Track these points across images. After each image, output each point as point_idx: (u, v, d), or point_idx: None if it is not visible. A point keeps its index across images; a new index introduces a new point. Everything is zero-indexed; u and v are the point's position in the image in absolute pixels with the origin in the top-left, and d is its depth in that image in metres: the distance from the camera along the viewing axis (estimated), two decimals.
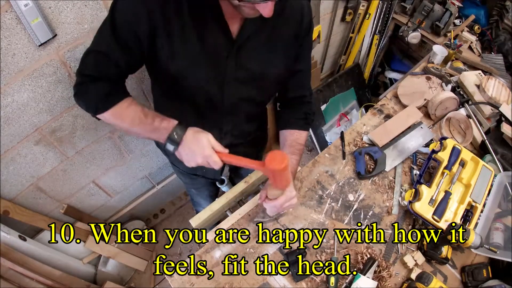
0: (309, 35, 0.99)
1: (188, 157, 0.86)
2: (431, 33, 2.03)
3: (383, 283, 1.03)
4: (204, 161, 0.85)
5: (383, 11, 2.18)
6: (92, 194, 1.70)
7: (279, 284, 1.05)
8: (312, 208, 1.21)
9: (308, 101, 1.13)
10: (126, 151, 1.66)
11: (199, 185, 1.49)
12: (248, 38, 0.87)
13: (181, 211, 2.37)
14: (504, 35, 1.89)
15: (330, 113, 2.50)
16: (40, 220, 1.50)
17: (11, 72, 1.02)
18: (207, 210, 1.18)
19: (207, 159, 0.84)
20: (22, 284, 1.41)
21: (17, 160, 1.27)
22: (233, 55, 0.88)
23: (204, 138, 0.84)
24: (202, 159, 0.84)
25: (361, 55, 2.52)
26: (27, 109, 1.15)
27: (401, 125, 1.43)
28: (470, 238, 0.98)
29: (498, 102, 1.47)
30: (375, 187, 1.28)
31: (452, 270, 1.13)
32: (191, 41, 0.83)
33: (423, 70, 1.69)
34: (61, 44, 1.07)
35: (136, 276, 2.07)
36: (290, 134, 1.11)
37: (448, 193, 1.17)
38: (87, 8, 1.05)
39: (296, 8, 0.92)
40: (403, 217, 1.21)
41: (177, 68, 0.87)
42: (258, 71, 0.93)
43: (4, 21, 0.90)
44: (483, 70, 1.69)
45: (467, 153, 1.27)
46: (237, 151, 1.19)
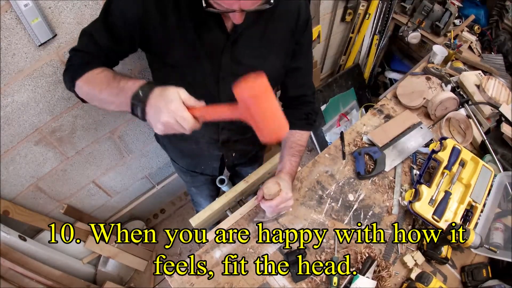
0: (306, 33, 0.99)
1: (154, 118, 0.70)
2: (431, 33, 2.03)
3: (383, 283, 1.03)
4: (171, 118, 0.68)
5: (383, 11, 2.18)
6: (92, 194, 1.70)
7: (279, 284, 1.05)
8: (312, 208, 1.21)
9: (309, 101, 1.13)
10: (126, 151, 1.66)
11: (199, 184, 1.49)
12: (243, 33, 0.87)
13: (181, 211, 2.37)
14: (504, 35, 1.89)
15: (330, 113, 2.51)
16: (40, 220, 1.50)
17: (11, 72, 1.02)
18: (207, 209, 1.18)
19: (174, 114, 0.68)
20: (22, 284, 1.41)
21: (17, 160, 1.27)
22: (228, 49, 0.88)
23: (172, 91, 0.70)
24: (168, 115, 0.68)
25: (361, 55, 2.52)
26: (27, 109, 1.15)
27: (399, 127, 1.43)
28: (470, 238, 0.98)
29: (498, 102, 1.47)
30: (375, 187, 1.28)
31: (452, 270, 1.13)
32: (187, 35, 0.84)
33: (423, 70, 1.69)
34: (61, 44, 1.07)
35: (136, 276, 2.07)
36: (291, 135, 1.11)
37: (448, 193, 1.17)
38: (87, 8, 1.05)
39: (293, 6, 0.93)
40: (403, 217, 1.21)
41: (174, 60, 0.88)
42: (253, 65, 0.93)
43: (4, 21, 0.90)
44: (483, 70, 1.69)
45: (467, 153, 1.27)
46: (235, 147, 1.20)
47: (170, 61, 0.88)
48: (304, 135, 1.12)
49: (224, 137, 1.14)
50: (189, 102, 0.71)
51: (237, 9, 0.71)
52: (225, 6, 0.71)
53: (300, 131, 1.12)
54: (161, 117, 0.69)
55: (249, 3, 0.70)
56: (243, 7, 0.71)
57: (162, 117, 0.68)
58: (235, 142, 1.18)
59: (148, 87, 0.72)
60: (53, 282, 1.51)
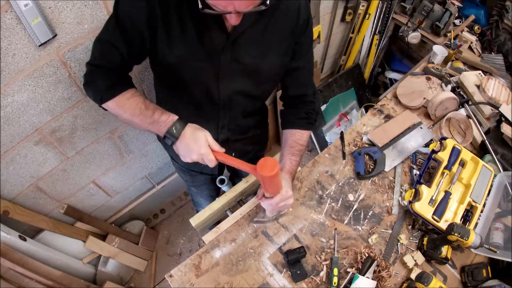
0: (306, 33, 0.99)
1: (185, 153, 0.89)
2: (431, 33, 2.03)
3: (383, 283, 1.03)
4: (200, 158, 0.88)
5: (383, 11, 2.18)
6: (92, 194, 1.70)
7: (279, 284, 1.05)
8: (312, 208, 1.21)
9: (310, 100, 1.13)
10: (126, 151, 1.66)
11: (199, 183, 1.49)
12: (243, 32, 0.88)
13: (181, 211, 2.37)
14: (504, 35, 1.89)
15: (330, 113, 2.51)
16: (40, 220, 1.50)
17: (11, 72, 1.02)
18: (207, 209, 1.18)
19: (203, 157, 0.87)
20: (22, 284, 1.41)
21: (17, 160, 1.27)
22: (228, 48, 0.89)
23: (202, 136, 0.87)
24: (197, 156, 0.87)
25: (361, 55, 2.52)
26: (27, 109, 1.15)
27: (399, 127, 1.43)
28: (470, 238, 0.98)
29: (498, 102, 1.47)
30: (375, 187, 1.28)
31: (452, 270, 1.13)
32: (188, 33, 0.85)
33: (423, 70, 1.69)
34: (61, 44, 1.07)
35: (136, 276, 2.07)
36: (291, 135, 1.12)
37: (448, 193, 1.17)
38: (87, 8, 1.05)
39: (292, 6, 0.93)
40: (403, 217, 1.21)
41: (175, 58, 0.89)
42: (252, 65, 0.95)
43: (4, 21, 0.90)
44: (483, 70, 1.69)
45: (467, 153, 1.27)
46: (235, 147, 1.21)
47: (171, 59, 0.89)
48: (304, 135, 1.12)
49: (224, 137, 1.14)
50: (214, 147, 0.88)
51: (232, 11, 0.72)
52: (220, 8, 0.72)
53: (300, 130, 1.12)
54: (192, 156, 0.88)
55: (244, 5, 0.71)
56: (238, 9, 0.71)
57: (193, 156, 0.87)
58: (235, 141, 1.18)
59: (180, 124, 0.88)
60: (53, 282, 1.51)
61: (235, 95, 1.01)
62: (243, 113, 1.11)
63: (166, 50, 0.88)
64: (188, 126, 0.89)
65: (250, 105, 1.12)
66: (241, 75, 0.96)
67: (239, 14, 0.74)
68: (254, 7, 0.72)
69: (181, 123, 0.88)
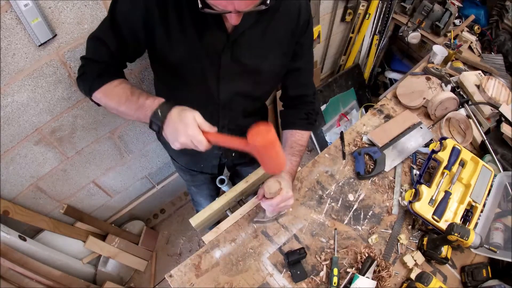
0: (306, 33, 0.99)
1: (172, 137, 0.79)
2: (431, 33, 2.03)
3: (383, 283, 1.03)
4: (188, 140, 0.78)
5: (383, 11, 2.18)
6: (92, 194, 1.70)
7: (279, 284, 1.05)
8: (312, 208, 1.21)
9: (310, 101, 1.13)
10: (126, 151, 1.66)
11: (199, 183, 1.49)
12: (243, 33, 0.88)
13: (181, 211, 2.37)
14: (504, 35, 1.89)
15: (330, 113, 2.51)
16: (40, 220, 1.50)
17: (11, 72, 1.02)
18: (207, 209, 1.18)
19: (191, 138, 0.77)
20: (22, 284, 1.41)
21: (17, 160, 1.27)
22: (228, 49, 0.89)
23: (189, 116, 0.78)
24: (185, 138, 0.77)
25: (361, 55, 2.52)
26: (27, 109, 1.15)
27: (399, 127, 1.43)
28: (470, 238, 0.98)
29: (498, 102, 1.47)
30: (375, 187, 1.28)
31: (452, 270, 1.13)
32: (188, 33, 0.85)
33: (423, 70, 1.69)
34: (61, 44, 1.07)
35: (136, 276, 2.07)
36: (291, 135, 1.12)
37: (448, 193, 1.17)
38: (87, 8, 1.05)
39: (293, 6, 0.93)
40: (403, 217, 1.21)
41: (175, 59, 0.88)
42: (252, 65, 0.94)
43: (4, 21, 0.90)
44: (483, 70, 1.69)
45: (467, 153, 1.27)
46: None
47: (172, 60, 0.89)
48: (304, 135, 1.12)
49: None
50: (204, 127, 0.79)
51: (232, 10, 0.71)
52: (220, 7, 0.71)
53: (300, 131, 1.12)
54: (179, 139, 0.78)
55: (244, 4, 0.70)
56: (238, 8, 0.71)
57: (180, 138, 0.77)
58: None
59: (166, 107, 0.79)
60: (53, 282, 1.51)
61: (236, 96, 1.01)
62: (243, 113, 1.11)
63: (165, 50, 0.87)
64: (175, 107, 0.79)
65: (251, 105, 1.12)
66: (241, 75, 0.96)
67: (239, 14, 0.74)
68: (254, 6, 0.72)
69: (167, 105, 0.80)
